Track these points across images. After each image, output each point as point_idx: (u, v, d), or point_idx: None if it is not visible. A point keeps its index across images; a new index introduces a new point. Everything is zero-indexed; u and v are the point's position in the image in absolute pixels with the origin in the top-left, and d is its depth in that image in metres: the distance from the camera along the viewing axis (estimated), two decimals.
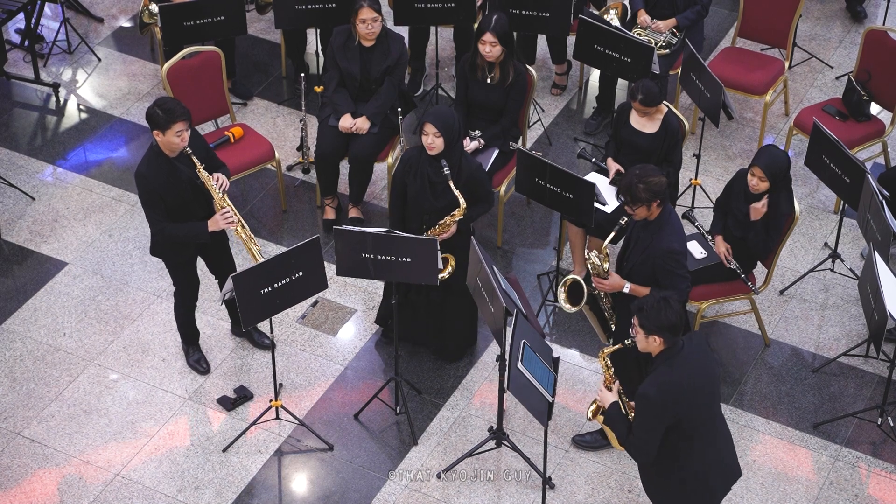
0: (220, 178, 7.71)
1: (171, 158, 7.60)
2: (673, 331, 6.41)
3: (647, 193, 7.18)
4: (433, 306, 8.25)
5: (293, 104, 10.25)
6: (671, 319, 6.38)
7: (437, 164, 7.80)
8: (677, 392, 6.40)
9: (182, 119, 7.48)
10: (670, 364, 6.42)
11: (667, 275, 7.32)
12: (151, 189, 7.60)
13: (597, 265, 7.55)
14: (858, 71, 9.60)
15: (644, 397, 6.41)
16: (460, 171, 7.88)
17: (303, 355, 8.54)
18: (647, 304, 6.42)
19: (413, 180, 7.92)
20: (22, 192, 9.50)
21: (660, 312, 6.38)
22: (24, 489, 7.75)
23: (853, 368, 8.53)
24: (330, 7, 9.46)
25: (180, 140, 7.51)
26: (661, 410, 6.39)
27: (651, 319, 6.40)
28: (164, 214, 7.67)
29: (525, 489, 7.83)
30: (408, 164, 7.95)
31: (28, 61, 10.50)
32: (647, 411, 6.42)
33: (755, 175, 7.95)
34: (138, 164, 7.70)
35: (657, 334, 6.42)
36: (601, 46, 9.22)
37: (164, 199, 7.64)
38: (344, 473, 7.90)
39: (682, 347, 6.46)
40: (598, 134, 10.06)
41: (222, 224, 7.70)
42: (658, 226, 7.31)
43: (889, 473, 7.96)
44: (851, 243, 9.29)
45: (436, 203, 7.91)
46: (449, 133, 7.77)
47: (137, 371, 8.41)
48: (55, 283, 8.91)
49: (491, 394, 8.28)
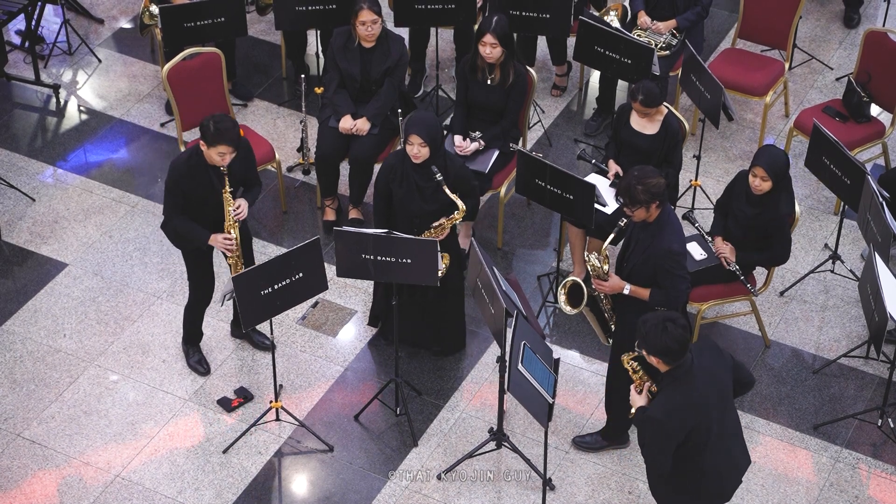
0: (241, 207, 7.81)
1: (209, 166, 7.70)
2: (672, 356, 6.37)
3: (645, 195, 7.18)
4: (424, 305, 8.25)
5: (293, 105, 10.25)
6: (669, 346, 6.34)
7: (422, 170, 7.80)
8: (684, 413, 6.40)
9: (228, 144, 7.56)
10: (677, 385, 6.40)
11: (666, 275, 7.32)
12: (178, 181, 7.71)
13: (596, 267, 7.54)
14: (858, 72, 9.60)
15: (651, 420, 6.42)
16: (447, 171, 7.89)
17: (303, 356, 8.54)
18: (649, 326, 6.37)
19: (399, 186, 7.92)
20: (22, 193, 9.50)
21: (658, 337, 6.34)
22: (24, 490, 7.74)
23: (853, 370, 8.53)
24: (330, 8, 9.46)
25: (221, 160, 7.61)
26: (669, 432, 6.40)
27: (650, 343, 6.38)
28: (180, 207, 7.78)
29: (525, 490, 7.83)
30: (391, 170, 7.95)
31: (28, 62, 10.50)
32: (655, 434, 6.43)
33: (757, 175, 7.95)
34: (180, 154, 7.84)
35: (655, 357, 6.42)
36: (601, 48, 9.22)
37: (186, 194, 7.74)
38: (344, 474, 7.90)
39: (689, 364, 6.43)
40: (599, 135, 10.05)
41: (220, 246, 7.81)
42: (658, 227, 7.31)
43: (889, 475, 7.96)
44: (852, 244, 9.29)
45: (426, 206, 7.92)
46: (434, 141, 7.79)
47: (137, 372, 8.40)
48: (55, 285, 8.91)
49: (491, 395, 8.28)
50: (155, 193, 9.53)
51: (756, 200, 8.06)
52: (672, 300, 7.31)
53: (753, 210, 8.08)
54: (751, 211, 8.09)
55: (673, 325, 6.34)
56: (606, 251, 7.59)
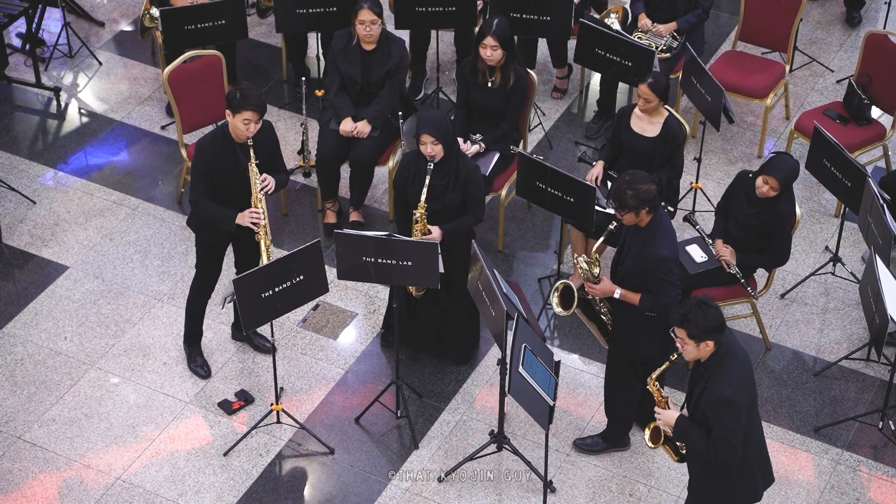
0: (267, 180, 7.84)
1: (235, 143, 7.71)
2: (720, 330, 6.42)
3: (634, 200, 7.18)
4: (435, 311, 8.25)
5: (294, 108, 10.26)
6: (718, 320, 6.40)
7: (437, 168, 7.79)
8: (746, 386, 6.45)
9: (253, 109, 7.60)
10: (729, 362, 6.44)
11: (656, 281, 7.32)
12: (205, 161, 7.74)
13: (585, 270, 7.55)
14: (859, 74, 9.60)
15: (726, 402, 6.39)
16: (458, 172, 7.88)
17: (304, 359, 8.54)
18: (691, 314, 6.39)
19: (412, 184, 7.93)
20: (23, 195, 9.50)
21: (706, 317, 6.37)
22: (24, 493, 7.74)
23: (854, 372, 8.52)
24: (331, 11, 9.47)
25: (246, 129, 7.63)
26: (741, 408, 6.42)
27: (699, 326, 6.39)
28: (206, 190, 7.80)
29: (526, 493, 7.83)
30: (406, 168, 7.95)
31: (29, 65, 10.50)
32: (731, 413, 6.41)
33: (768, 183, 7.95)
34: (203, 136, 7.86)
35: (709, 338, 6.42)
36: (602, 50, 9.23)
37: (213, 175, 7.76)
38: (345, 477, 7.90)
39: (729, 340, 6.49)
40: (599, 137, 10.05)
41: (248, 220, 7.79)
42: (649, 232, 7.31)
43: (890, 477, 7.95)
44: (852, 247, 9.29)
45: (432, 205, 7.91)
46: (446, 138, 7.78)
47: (138, 375, 8.40)
48: (56, 287, 8.91)
49: (492, 397, 8.28)
50: (156, 196, 9.53)
51: (756, 201, 8.07)
52: (662, 306, 7.32)
53: (753, 209, 8.09)
54: (751, 210, 8.10)
55: (708, 300, 6.43)
56: (596, 254, 7.60)
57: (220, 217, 7.84)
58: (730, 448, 6.46)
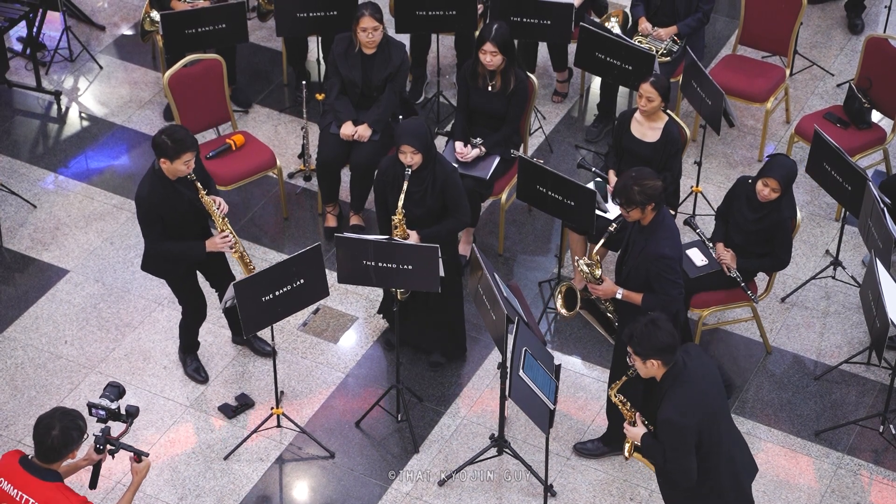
0: (221, 203, 7.77)
1: (172, 181, 7.63)
2: (668, 351, 6.39)
3: (641, 196, 7.20)
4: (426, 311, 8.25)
5: (294, 112, 10.26)
6: (663, 341, 6.37)
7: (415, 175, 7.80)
8: (695, 408, 6.40)
9: (191, 150, 7.51)
10: (680, 383, 6.42)
11: (658, 280, 7.32)
12: (151, 210, 7.63)
13: (585, 272, 7.55)
14: (859, 78, 9.60)
15: (668, 423, 6.40)
16: (435, 177, 7.90)
17: (304, 363, 8.54)
18: (637, 331, 6.41)
19: (392, 190, 7.94)
20: (23, 199, 9.51)
21: (650, 336, 6.37)
22: None
23: (855, 376, 8.52)
24: (331, 14, 9.48)
25: (187, 168, 7.55)
26: (687, 431, 6.39)
27: (643, 345, 6.40)
28: (162, 232, 7.70)
29: (526, 497, 7.82)
30: (385, 173, 7.98)
31: (30, 69, 10.50)
32: (675, 436, 6.41)
33: (768, 185, 7.96)
34: (138, 186, 7.71)
35: (654, 358, 6.42)
36: (602, 54, 9.23)
37: (164, 218, 7.68)
38: (345, 481, 7.90)
39: (684, 364, 6.45)
40: (600, 141, 10.06)
41: (220, 246, 7.77)
42: (652, 230, 7.32)
43: (891, 481, 7.95)
44: (853, 251, 9.29)
45: (414, 210, 7.93)
46: (427, 148, 7.81)
47: (139, 379, 8.40)
48: (56, 291, 8.91)
49: (492, 401, 8.28)
50: None
51: (759, 206, 8.07)
52: (665, 305, 7.31)
53: (755, 214, 8.08)
54: (752, 215, 8.10)
55: (659, 321, 6.41)
56: (597, 256, 7.60)
57: (186, 251, 7.78)
58: (679, 469, 6.47)
